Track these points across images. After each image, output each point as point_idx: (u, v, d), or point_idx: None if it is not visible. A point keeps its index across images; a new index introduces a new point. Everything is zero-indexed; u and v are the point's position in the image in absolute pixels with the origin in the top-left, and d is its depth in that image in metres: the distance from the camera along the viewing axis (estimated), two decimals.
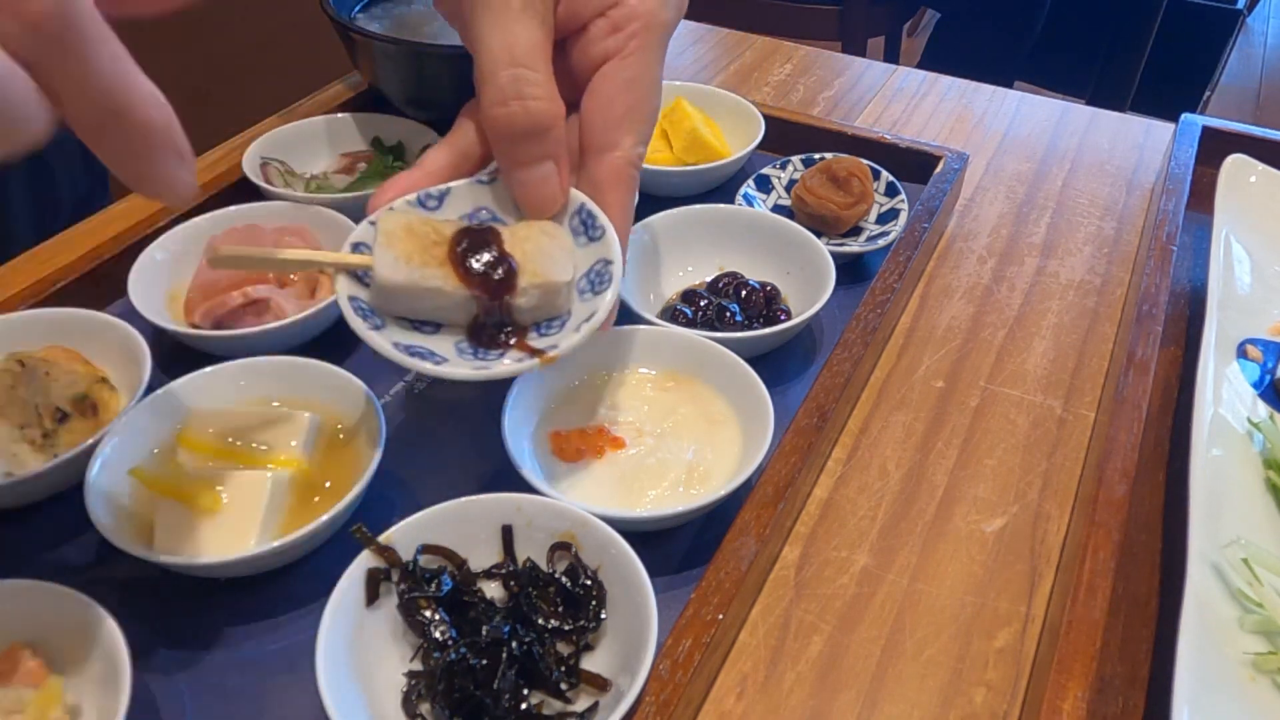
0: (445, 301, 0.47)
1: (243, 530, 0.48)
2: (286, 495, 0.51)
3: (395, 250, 0.46)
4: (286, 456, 0.52)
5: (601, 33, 0.46)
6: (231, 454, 0.52)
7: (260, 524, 0.48)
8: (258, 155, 0.75)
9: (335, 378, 0.55)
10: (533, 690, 0.43)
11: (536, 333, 0.48)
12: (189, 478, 0.49)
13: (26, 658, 0.43)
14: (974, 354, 0.68)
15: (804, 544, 0.55)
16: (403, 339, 0.47)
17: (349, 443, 0.54)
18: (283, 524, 0.50)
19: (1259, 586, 0.48)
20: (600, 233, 0.49)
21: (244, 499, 0.49)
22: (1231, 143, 0.80)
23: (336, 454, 0.54)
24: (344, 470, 0.53)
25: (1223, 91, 2.71)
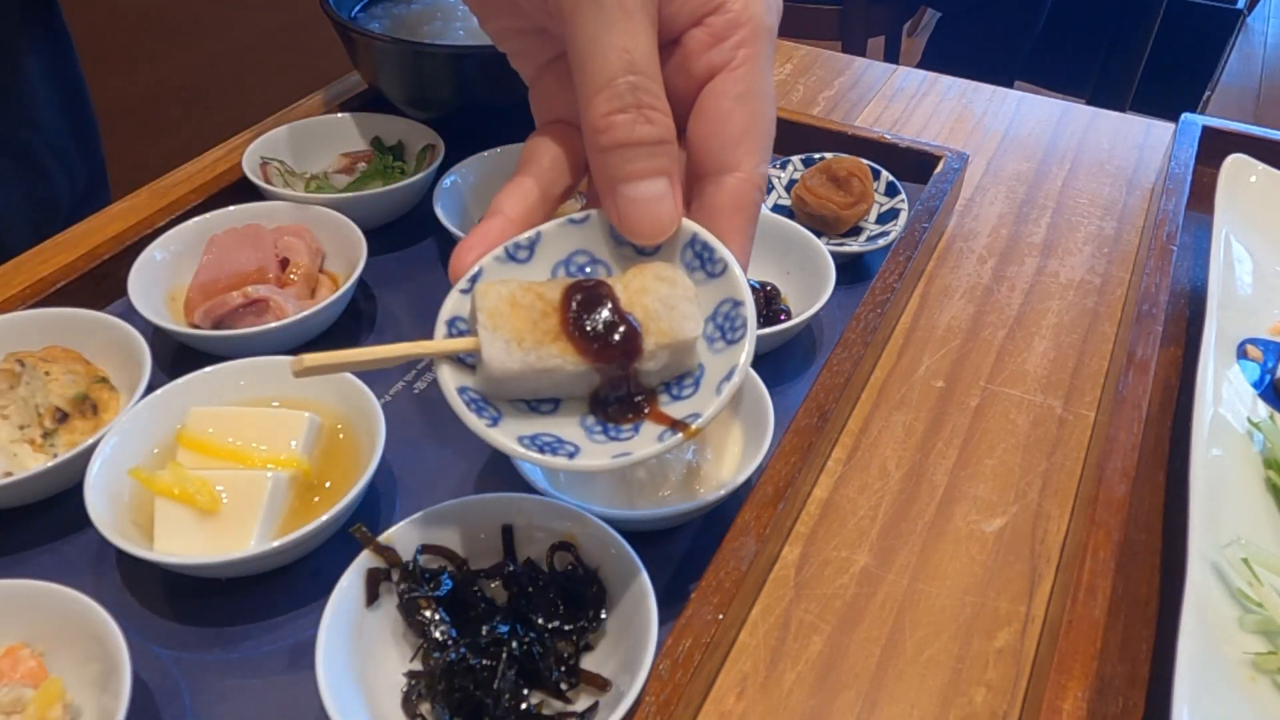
0: (565, 378, 0.40)
1: (242, 530, 0.48)
2: (286, 495, 0.51)
3: (504, 331, 0.39)
4: (286, 456, 0.52)
5: (701, 45, 0.41)
6: (231, 454, 0.52)
7: (260, 524, 0.48)
8: (258, 155, 0.75)
9: (335, 378, 0.54)
10: (533, 690, 0.43)
11: (668, 394, 0.41)
12: (188, 478, 0.49)
13: (26, 658, 0.43)
14: (974, 354, 0.68)
15: (804, 544, 0.55)
16: (525, 429, 0.40)
17: (349, 442, 0.54)
18: (283, 524, 0.50)
19: (1259, 586, 0.48)
20: (722, 267, 0.41)
21: (243, 499, 0.49)
22: (1231, 142, 0.80)
23: (336, 454, 0.54)
24: (344, 470, 0.53)
25: (1223, 91, 2.71)
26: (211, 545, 0.48)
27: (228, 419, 0.53)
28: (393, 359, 0.40)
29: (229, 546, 0.48)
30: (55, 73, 0.84)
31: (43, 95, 0.83)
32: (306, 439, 0.52)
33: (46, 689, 0.42)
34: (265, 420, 0.53)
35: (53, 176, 0.85)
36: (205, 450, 0.52)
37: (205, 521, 0.48)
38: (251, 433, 0.52)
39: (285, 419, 0.53)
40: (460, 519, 0.48)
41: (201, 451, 0.52)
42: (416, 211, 0.76)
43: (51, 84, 0.84)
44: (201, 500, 0.48)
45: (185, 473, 0.49)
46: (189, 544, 0.48)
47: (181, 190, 0.73)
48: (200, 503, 0.48)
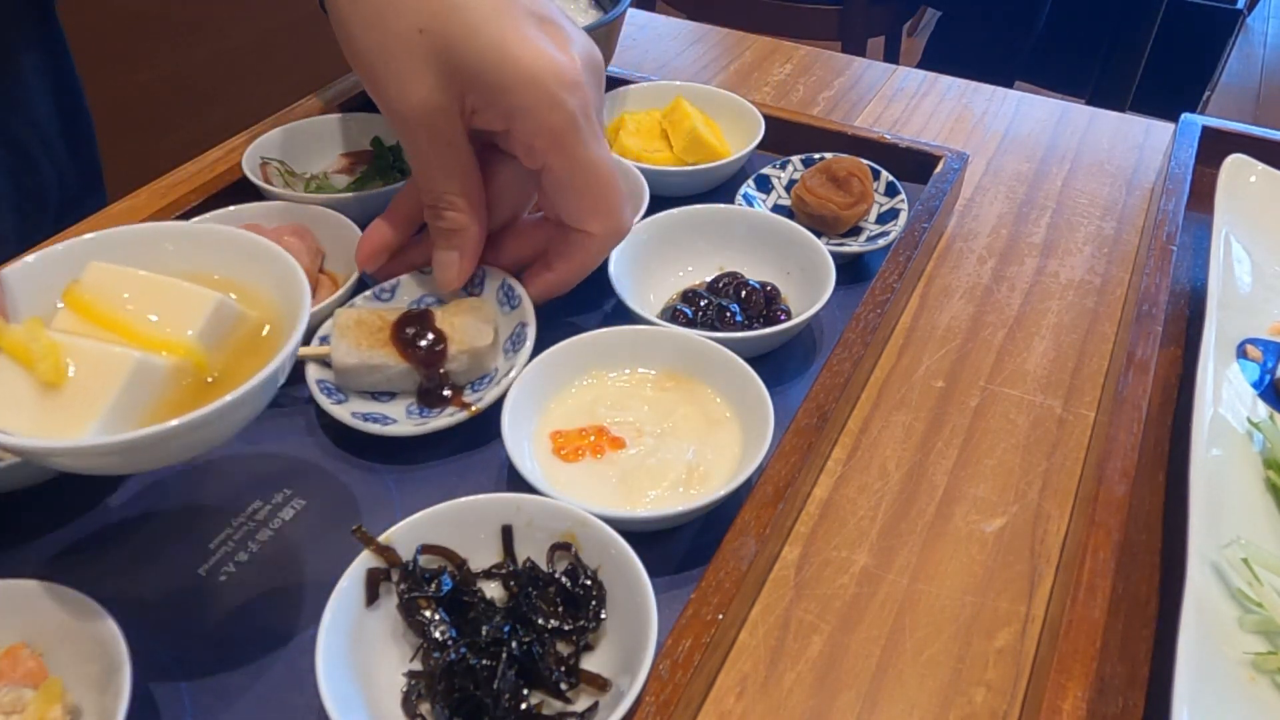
0: (393, 374, 0.57)
1: (81, 415, 0.39)
2: (162, 387, 0.41)
3: (348, 340, 0.57)
4: (178, 340, 0.42)
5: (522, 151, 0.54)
6: (114, 324, 0.42)
7: (106, 412, 0.39)
8: (258, 155, 0.74)
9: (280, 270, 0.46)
10: (533, 690, 0.43)
11: (471, 390, 0.59)
12: (41, 339, 0.40)
13: (26, 658, 0.43)
14: (974, 354, 0.68)
15: (804, 544, 0.55)
16: (361, 409, 0.57)
17: (270, 345, 0.45)
18: (144, 421, 0.40)
19: (1259, 586, 0.48)
20: (518, 301, 0.60)
21: (97, 379, 0.39)
22: (1231, 143, 0.80)
23: (252, 353, 0.44)
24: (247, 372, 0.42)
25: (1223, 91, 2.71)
26: (42, 426, 0.39)
27: (130, 283, 0.43)
28: None
29: (59, 431, 0.39)
30: (49, 69, 0.84)
31: (36, 90, 0.83)
32: (209, 325, 0.43)
33: (46, 689, 0.42)
34: (169, 293, 0.43)
35: (42, 169, 0.85)
36: (88, 314, 0.42)
37: (44, 396, 0.39)
38: (149, 304, 0.43)
39: (191, 297, 0.43)
40: (460, 519, 0.48)
41: (84, 314, 0.42)
42: None
43: (45, 80, 0.84)
44: (42, 369, 0.39)
45: (41, 332, 0.40)
46: (16, 419, 0.39)
47: (181, 190, 0.73)
48: (40, 371, 0.39)
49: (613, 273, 0.63)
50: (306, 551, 0.52)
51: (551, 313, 0.64)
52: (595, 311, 0.68)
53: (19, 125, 0.82)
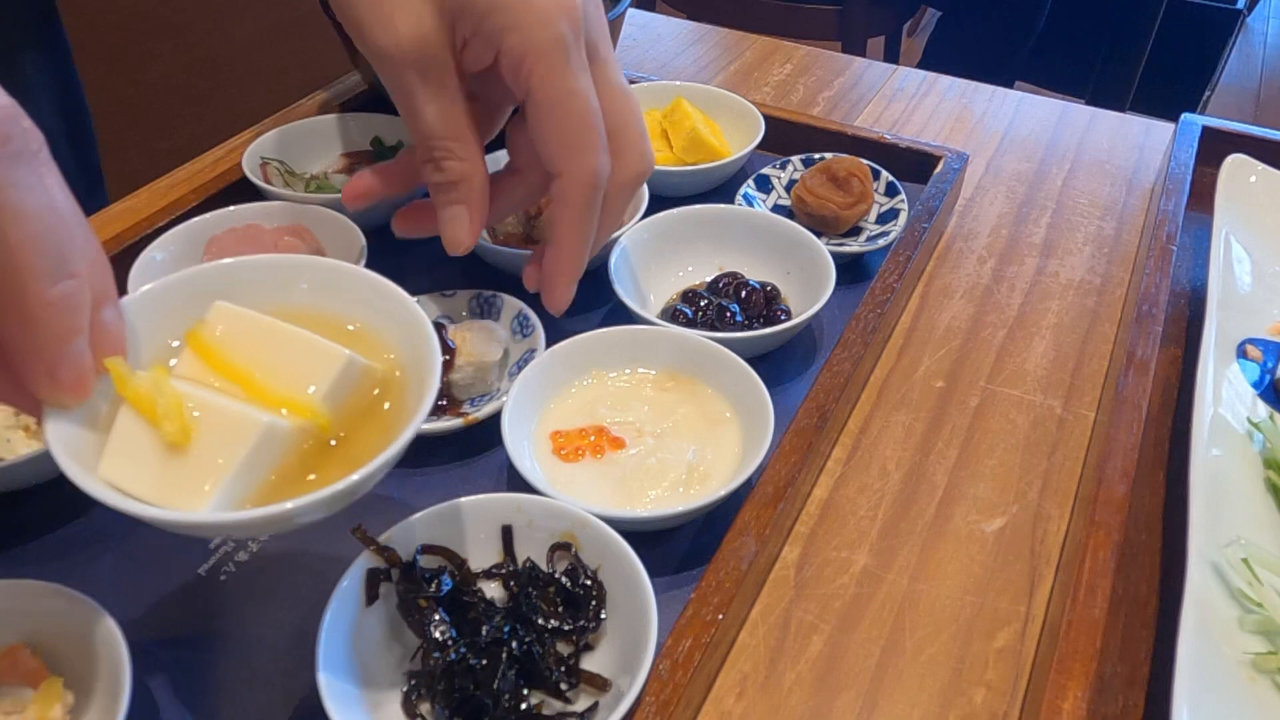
0: None
1: (202, 483, 0.37)
2: (283, 449, 0.39)
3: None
4: (303, 401, 0.39)
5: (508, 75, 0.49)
6: (238, 376, 0.40)
7: (228, 481, 0.37)
8: (258, 155, 0.75)
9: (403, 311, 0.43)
10: (533, 690, 0.43)
11: (470, 404, 0.58)
12: (168, 392, 0.37)
13: (26, 658, 0.43)
14: (974, 354, 0.68)
15: (804, 544, 0.55)
16: None
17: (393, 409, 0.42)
18: (266, 486, 0.38)
19: (1259, 586, 0.48)
20: (531, 330, 0.60)
21: (221, 441, 0.37)
22: (1231, 143, 0.80)
23: (370, 416, 0.42)
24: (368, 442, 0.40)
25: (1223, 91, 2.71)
26: (162, 488, 0.37)
27: (255, 329, 0.41)
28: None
29: (179, 499, 0.36)
30: (51, 71, 0.84)
31: (38, 91, 0.83)
32: (334, 385, 0.40)
33: (46, 689, 0.42)
34: (296, 346, 0.40)
35: None
36: (210, 359, 0.40)
37: (167, 455, 0.37)
38: (274, 356, 0.40)
39: (317, 351, 0.40)
40: (460, 519, 0.48)
41: (206, 359, 0.40)
42: None
43: (48, 81, 0.84)
44: (169, 428, 0.36)
45: (167, 385, 0.37)
46: (137, 478, 0.37)
47: (181, 190, 0.73)
48: (166, 430, 0.36)
49: (613, 273, 0.63)
50: (306, 551, 0.52)
51: None
52: (595, 311, 0.68)
53: None
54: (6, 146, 0.32)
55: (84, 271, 0.34)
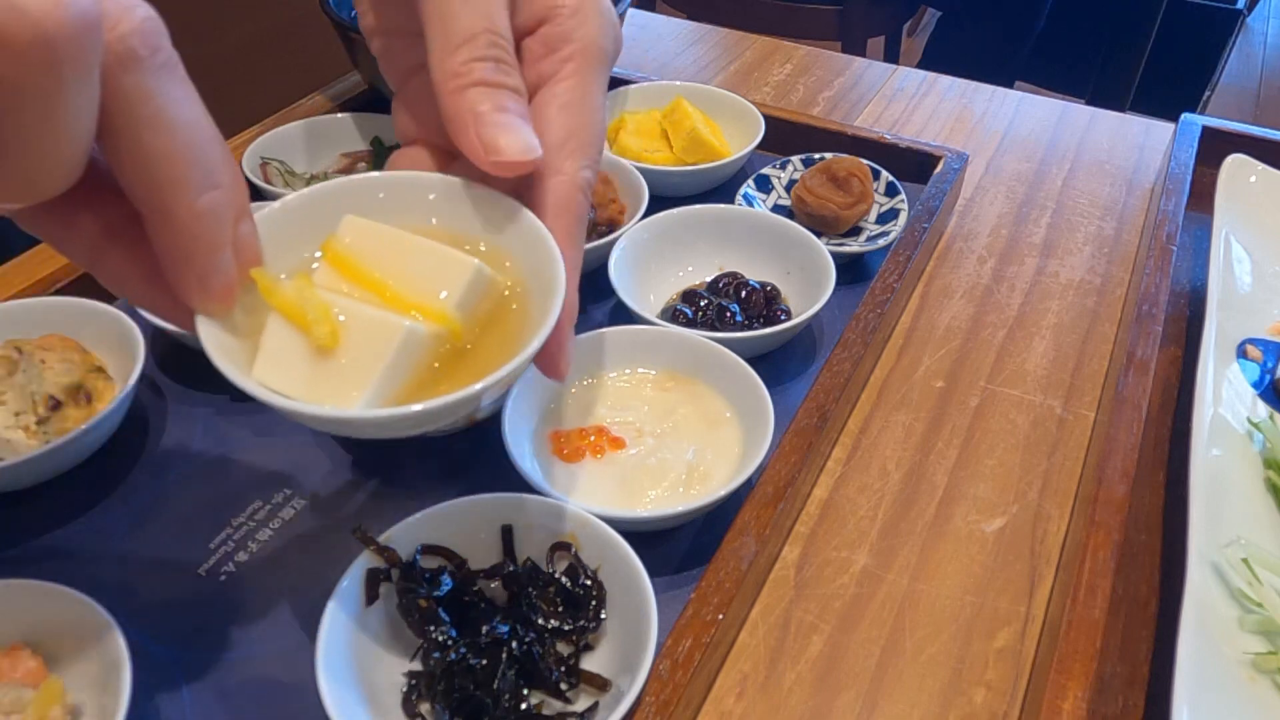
0: None
1: (353, 383, 0.38)
2: (422, 355, 0.40)
3: None
4: (435, 307, 0.40)
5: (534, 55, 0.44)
6: (373, 284, 0.41)
7: (376, 382, 0.38)
8: (258, 155, 0.75)
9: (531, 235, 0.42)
10: (533, 690, 0.43)
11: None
12: (313, 299, 0.38)
13: (26, 658, 0.43)
14: (974, 354, 0.68)
15: (804, 544, 0.55)
16: None
17: (517, 312, 0.42)
18: (406, 387, 0.39)
19: (1259, 586, 0.48)
20: None
21: (366, 345, 0.38)
22: (1231, 143, 0.81)
23: (498, 322, 0.42)
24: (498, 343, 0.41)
25: (1223, 91, 2.71)
26: (315, 389, 0.38)
27: (387, 241, 0.41)
28: None
29: (332, 397, 0.38)
30: None
31: None
32: (466, 292, 0.40)
33: (46, 689, 0.42)
34: (427, 256, 0.41)
35: None
36: (347, 271, 0.41)
37: (316, 359, 0.38)
38: (406, 266, 0.41)
39: (447, 260, 0.41)
40: (460, 519, 0.48)
41: (343, 271, 0.41)
42: None
43: None
44: (319, 332, 0.38)
45: (312, 291, 0.39)
46: (290, 380, 0.38)
47: None
48: (317, 335, 0.38)
49: (613, 273, 0.63)
50: (306, 551, 0.52)
51: None
52: (595, 311, 0.68)
53: None
54: (155, 57, 0.31)
55: (228, 184, 0.35)
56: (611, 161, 0.74)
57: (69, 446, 0.52)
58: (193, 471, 0.56)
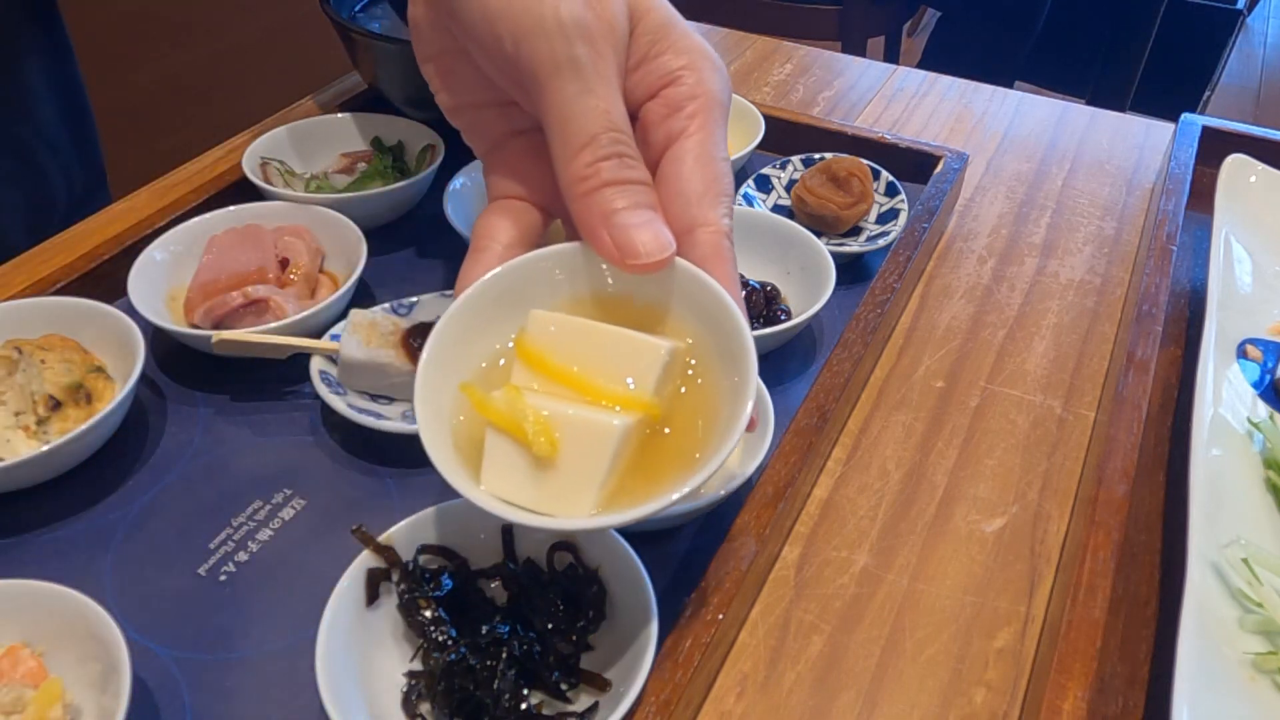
0: (396, 379, 0.58)
1: (579, 489, 0.39)
2: (629, 446, 0.40)
3: (358, 336, 0.58)
4: (634, 395, 0.40)
5: (658, 116, 0.44)
6: (573, 382, 0.41)
7: (600, 483, 0.39)
8: (258, 155, 0.75)
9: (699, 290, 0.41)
10: (533, 690, 0.43)
11: None
12: (526, 410, 0.39)
13: (26, 658, 0.43)
14: (974, 354, 0.68)
15: (804, 544, 0.55)
16: (356, 404, 0.57)
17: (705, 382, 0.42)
18: (618, 477, 0.40)
19: (1259, 586, 0.48)
20: None
21: (584, 448, 0.39)
22: (1231, 143, 0.81)
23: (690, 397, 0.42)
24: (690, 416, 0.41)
25: (1223, 91, 2.71)
26: (542, 498, 0.39)
27: (574, 332, 0.41)
28: (296, 347, 0.59)
29: (561, 507, 0.38)
30: (54, 73, 0.84)
31: (42, 95, 0.83)
32: (659, 375, 0.40)
33: (46, 689, 0.42)
34: (616, 344, 0.41)
35: (50, 176, 0.85)
36: (541, 368, 0.41)
37: (539, 468, 0.39)
38: (599, 356, 0.41)
39: (639, 347, 0.40)
40: (460, 519, 0.48)
41: (537, 369, 0.41)
42: (417, 212, 0.76)
43: (50, 84, 0.84)
44: (540, 445, 0.38)
45: (523, 402, 0.39)
46: (519, 490, 0.39)
47: (181, 190, 0.73)
48: (539, 447, 0.38)
49: None
50: (306, 551, 0.52)
51: None
52: None
53: (26, 133, 0.82)
54: None
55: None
56: None
57: (69, 446, 0.52)
58: (193, 471, 0.57)
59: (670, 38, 0.44)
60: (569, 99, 0.41)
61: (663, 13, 0.44)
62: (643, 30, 0.43)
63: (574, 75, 0.40)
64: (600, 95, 0.41)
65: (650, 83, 0.44)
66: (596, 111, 0.41)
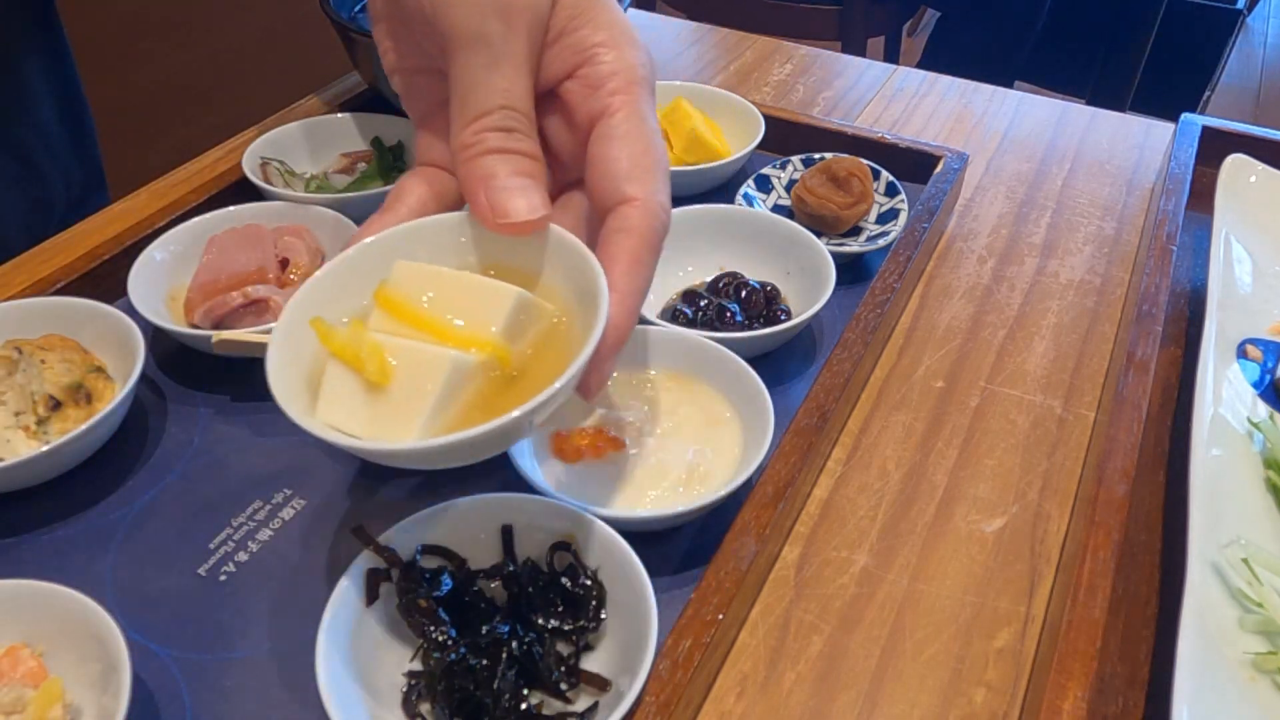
0: None
1: (407, 416, 0.40)
2: (471, 384, 0.42)
3: None
4: (483, 337, 0.42)
5: (578, 96, 0.45)
6: (424, 322, 0.43)
7: (428, 413, 0.40)
8: (258, 155, 0.75)
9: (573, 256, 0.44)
10: (533, 690, 0.43)
11: None
12: (365, 340, 0.41)
13: (26, 658, 0.43)
14: (974, 354, 0.68)
15: (804, 544, 0.55)
16: None
17: (566, 335, 0.44)
18: (460, 415, 0.41)
19: (1259, 586, 0.48)
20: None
21: (416, 379, 0.40)
22: (1231, 143, 0.80)
23: (548, 349, 0.44)
24: (550, 366, 0.43)
25: (1223, 91, 2.71)
26: (372, 426, 0.41)
27: (433, 280, 0.44)
28: None
29: (388, 432, 0.40)
30: (52, 73, 0.84)
31: (40, 95, 0.83)
32: (510, 320, 0.42)
33: (46, 689, 0.42)
34: (472, 290, 0.43)
35: (48, 176, 0.85)
36: (398, 312, 0.43)
37: (372, 397, 0.41)
38: (453, 301, 0.43)
39: (490, 292, 0.43)
40: (460, 519, 0.48)
41: (395, 313, 0.43)
42: None
43: (48, 84, 0.84)
44: (370, 369, 0.40)
45: (364, 334, 0.41)
46: (351, 419, 0.41)
47: (181, 190, 0.73)
48: (368, 372, 0.40)
49: None
50: (306, 551, 0.52)
51: None
52: None
53: (25, 134, 0.82)
54: None
55: None
56: None
57: (69, 446, 0.52)
58: (193, 471, 0.57)
59: (590, 12, 0.45)
60: (473, 71, 0.42)
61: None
62: (564, 4, 0.44)
63: (483, 48, 0.42)
64: (503, 73, 0.42)
65: (567, 58, 0.45)
66: (496, 89, 0.42)
